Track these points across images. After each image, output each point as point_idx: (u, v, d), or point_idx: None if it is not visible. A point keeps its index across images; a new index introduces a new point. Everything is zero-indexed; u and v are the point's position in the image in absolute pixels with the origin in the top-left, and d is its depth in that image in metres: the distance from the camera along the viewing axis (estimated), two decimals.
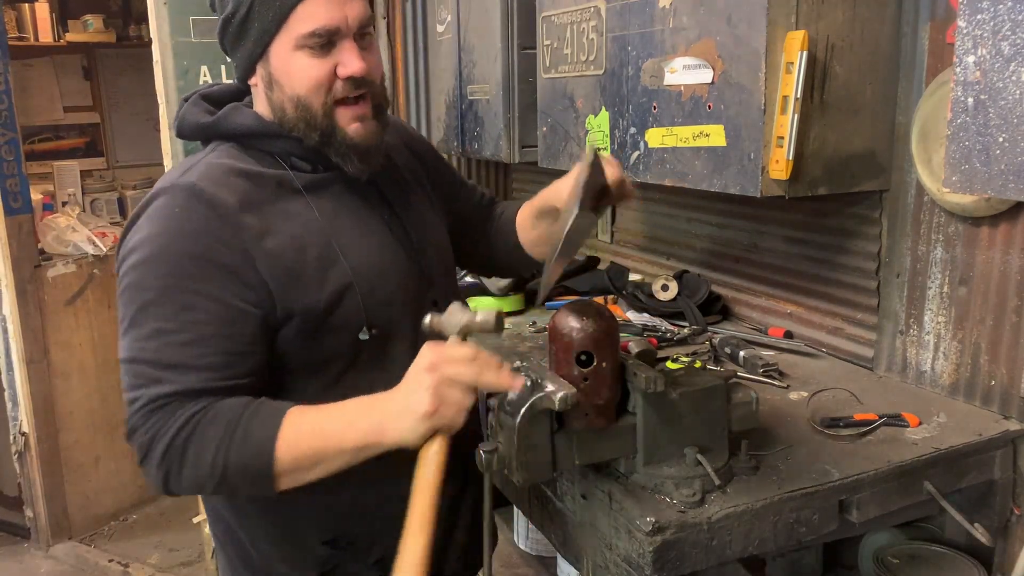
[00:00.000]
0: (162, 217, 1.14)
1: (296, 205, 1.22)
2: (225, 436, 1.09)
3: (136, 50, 4.75)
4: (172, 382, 1.09)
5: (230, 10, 1.19)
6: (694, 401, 1.29)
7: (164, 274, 1.11)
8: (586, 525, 1.38)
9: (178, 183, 1.17)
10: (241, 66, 1.24)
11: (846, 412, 1.59)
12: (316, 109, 1.20)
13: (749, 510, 1.28)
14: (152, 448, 1.09)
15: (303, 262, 1.19)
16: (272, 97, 1.23)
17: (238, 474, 1.10)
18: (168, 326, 1.10)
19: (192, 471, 1.09)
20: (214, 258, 1.12)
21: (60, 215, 3.79)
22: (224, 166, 1.21)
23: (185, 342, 1.10)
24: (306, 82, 1.19)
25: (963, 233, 1.61)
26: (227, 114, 1.26)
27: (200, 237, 1.13)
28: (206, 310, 1.11)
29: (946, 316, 1.67)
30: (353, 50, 1.20)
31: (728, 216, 2.27)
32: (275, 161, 1.25)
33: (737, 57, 1.56)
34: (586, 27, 2.03)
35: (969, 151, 1.00)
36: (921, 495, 1.43)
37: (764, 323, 2.18)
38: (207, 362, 1.11)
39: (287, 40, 1.18)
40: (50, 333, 3.46)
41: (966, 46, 0.99)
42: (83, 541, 3.62)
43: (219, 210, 1.14)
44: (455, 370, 1.08)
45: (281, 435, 1.09)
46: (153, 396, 1.09)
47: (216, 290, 1.12)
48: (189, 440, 1.08)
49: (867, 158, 1.67)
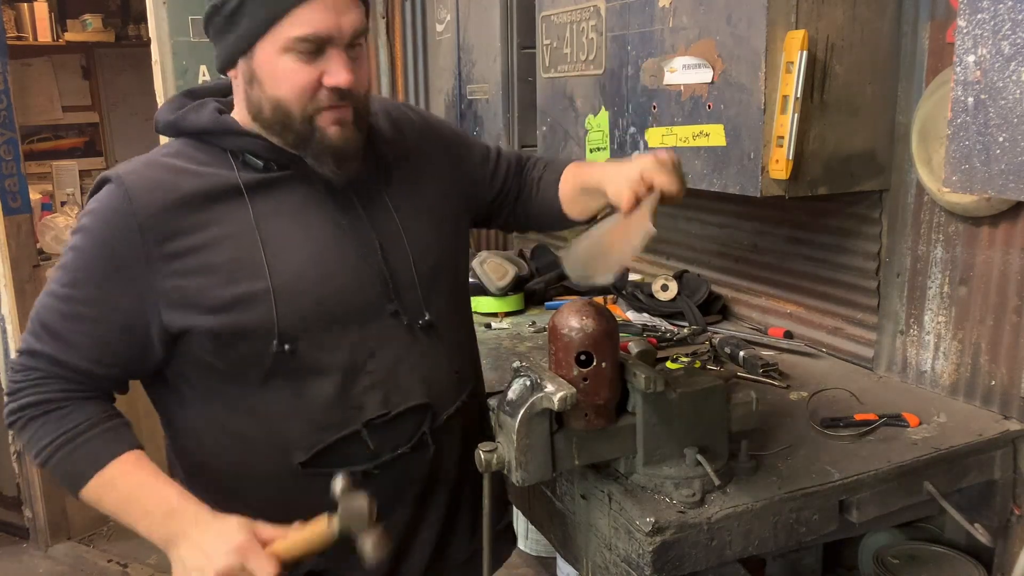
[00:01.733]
0: (97, 200, 1.20)
1: (232, 205, 1.20)
2: (55, 444, 1.17)
3: (135, 49, 4.75)
4: (45, 343, 1.18)
5: (219, 0, 1.16)
6: (694, 401, 1.29)
7: (77, 248, 1.18)
8: (586, 525, 1.38)
9: (114, 175, 1.20)
10: (222, 57, 1.21)
11: (846, 412, 1.59)
12: (296, 114, 1.18)
13: (749, 510, 1.28)
14: (11, 399, 1.20)
15: (211, 266, 1.17)
16: (251, 94, 1.20)
17: (54, 473, 1.20)
18: (59, 291, 1.18)
19: (26, 442, 1.20)
20: (115, 252, 1.16)
21: (59, 215, 3.78)
22: (163, 163, 1.21)
23: (64, 313, 1.18)
24: (289, 86, 1.16)
25: (963, 233, 1.61)
26: (188, 112, 1.25)
27: (108, 226, 1.17)
28: (91, 294, 1.17)
29: (946, 316, 1.67)
30: (342, 60, 1.17)
31: (728, 216, 2.27)
32: (227, 158, 1.23)
33: (737, 57, 1.56)
34: (586, 27, 2.03)
35: (969, 151, 1.01)
36: (921, 495, 1.43)
37: (764, 323, 2.17)
38: (74, 339, 1.17)
39: (276, 40, 1.14)
40: None
41: (966, 45, 0.99)
42: (82, 541, 3.62)
43: (130, 205, 1.16)
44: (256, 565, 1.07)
45: (96, 478, 1.16)
46: (30, 348, 1.19)
47: (105, 280, 1.17)
48: (32, 421, 1.18)
49: (867, 158, 1.67)
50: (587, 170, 1.44)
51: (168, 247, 1.16)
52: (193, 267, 1.16)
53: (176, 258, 1.16)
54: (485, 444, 1.27)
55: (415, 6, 3.27)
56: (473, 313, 1.53)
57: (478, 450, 1.26)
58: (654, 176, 1.23)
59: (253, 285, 1.17)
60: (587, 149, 2.08)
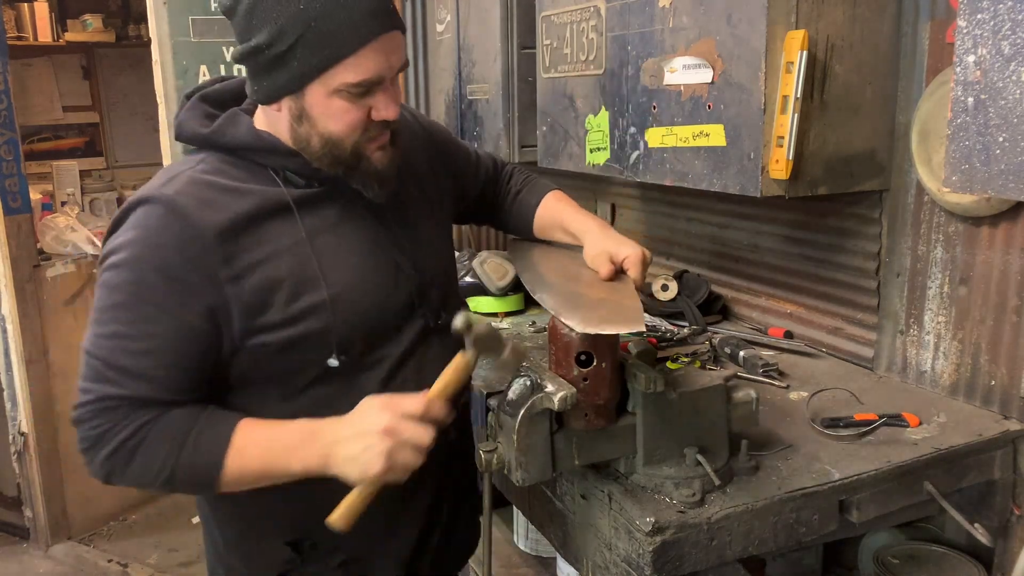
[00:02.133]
0: (140, 227, 1.15)
1: (281, 222, 1.21)
2: (174, 449, 1.14)
3: (135, 50, 4.75)
4: (122, 386, 1.14)
5: (264, 40, 1.14)
6: (694, 401, 1.29)
7: (132, 282, 1.14)
8: (586, 525, 1.38)
9: (160, 196, 1.16)
10: (265, 93, 1.20)
11: (846, 412, 1.58)
12: (346, 147, 1.21)
13: (749, 510, 1.28)
14: (99, 446, 1.14)
15: (275, 281, 1.18)
16: (298, 129, 1.20)
17: (183, 482, 1.17)
18: (126, 331, 1.14)
19: (136, 475, 1.15)
20: (180, 276, 1.14)
21: (59, 215, 3.78)
22: (207, 182, 1.19)
23: (138, 351, 1.14)
24: (342, 124, 1.19)
25: (963, 233, 1.61)
26: (223, 126, 1.24)
27: (170, 254, 1.14)
28: (164, 324, 1.14)
29: (946, 316, 1.67)
30: (389, 95, 1.21)
31: (728, 216, 2.27)
32: (267, 173, 1.24)
33: (737, 57, 1.56)
34: (586, 27, 2.03)
35: (969, 151, 1.01)
36: (921, 495, 1.43)
37: (764, 323, 2.17)
38: (156, 374, 1.15)
39: (328, 83, 1.16)
40: (49, 333, 3.46)
41: (966, 45, 0.99)
42: (82, 541, 3.62)
43: (193, 230, 1.14)
44: (410, 435, 1.12)
45: (230, 452, 1.15)
46: (103, 394, 1.14)
47: (176, 307, 1.14)
48: (137, 448, 1.14)
49: (867, 158, 1.67)
50: (568, 215, 1.56)
51: (232, 267, 1.16)
52: (259, 283, 1.17)
53: (241, 276, 1.16)
54: (485, 444, 1.27)
55: (415, 6, 3.27)
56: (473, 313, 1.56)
57: (478, 450, 1.26)
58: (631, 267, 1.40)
59: (313, 298, 1.20)
60: (587, 149, 2.08)
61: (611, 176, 2.05)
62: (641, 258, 1.41)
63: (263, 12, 1.13)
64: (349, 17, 1.12)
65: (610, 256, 1.41)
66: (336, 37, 1.12)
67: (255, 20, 1.14)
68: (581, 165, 2.13)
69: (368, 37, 1.14)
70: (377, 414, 1.12)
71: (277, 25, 1.12)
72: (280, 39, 1.13)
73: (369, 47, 1.14)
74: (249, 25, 1.15)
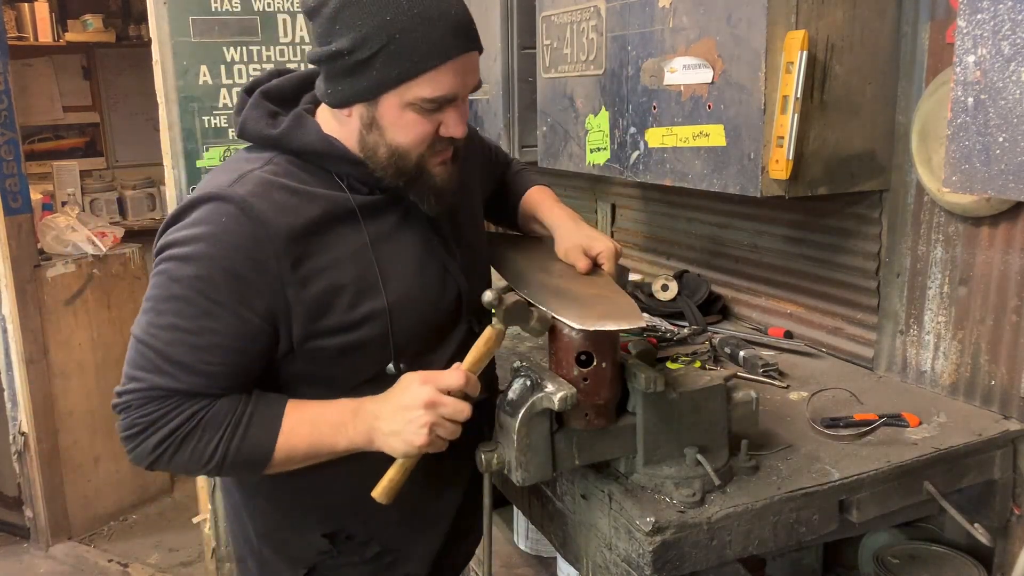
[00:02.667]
0: (209, 222, 1.15)
1: (346, 227, 1.22)
2: (228, 434, 1.15)
3: (136, 50, 4.75)
4: (177, 380, 1.14)
5: (346, 45, 1.14)
6: (694, 401, 1.29)
7: (198, 277, 1.13)
8: (586, 525, 1.38)
9: (232, 194, 1.15)
10: (339, 97, 1.21)
11: (846, 412, 1.58)
12: (412, 160, 1.22)
13: (749, 510, 1.28)
14: (149, 432, 1.14)
15: (338, 287, 1.20)
16: (367, 136, 1.22)
17: (233, 466, 1.18)
18: (185, 324, 1.13)
19: (185, 460, 1.16)
20: (246, 276, 1.14)
21: (59, 215, 3.78)
22: (278, 184, 1.19)
23: (196, 345, 1.14)
24: (412, 138, 1.21)
25: (963, 233, 1.61)
26: (291, 129, 1.24)
27: (238, 253, 1.14)
28: (224, 322, 1.14)
29: (946, 316, 1.67)
30: (459, 113, 1.22)
31: (728, 216, 2.27)
32: (331, 178, 1.25)
33: (737, 57, 1.56)
34: (586, 27, 2.03)
35: (969, 151, 1.01)
36: (921, 495, 1.43)
37: (764, 323, 2.17)
38: (212, 370, 1.15)
39: (404, 96, 1.17)
40: (50, 333, 3.46)
41: (966, 46, 0.99)
42: (82, 541, 3.62)
43: (263, 231, 1.14)
44: (451, 410, 1.15)
45: (280, 436, 1.17)
46: (155, 384, 1.14)
47: (239, 306, 1.14)
48: (190, 436, 1.15)
49: (867, 158, 1.67)
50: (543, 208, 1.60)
51: (300, 271, 1.17)
52: (323, 288, 1.19)
53: (308, 281, 1.17)
54: (485, 444, 1.27)
55: None
56: None
57: (478, 450, 1.26)
58: (605, 262, 1.42)
59: (373, 304, 1.22)
60: (587, 149, 2.08)
61: (611, 176, 2.04)
62: (614, 253, 1.44)
63: (349, 18, 1.14)
64: (433, 33, 1.14)
65: (583, 250, 1.43)
66: (418, 51, 1.14)
67: (339, 25, 1.15)
68: (581, 165, 2.13)
69: (449, 55, 1.16)
70: (418, 388, 1.15)
71: (361, 32, 1.13)
72: (363, 46, 1.14)
73: (448, 64, 1.16)
74: (332, 29, 1.16)
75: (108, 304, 3.66)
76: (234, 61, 2.64)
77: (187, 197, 1.21)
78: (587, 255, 1.43)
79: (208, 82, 2.62)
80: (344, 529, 1.34)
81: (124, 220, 4.73)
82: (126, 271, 3.73)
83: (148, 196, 4.89)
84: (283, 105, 1.29)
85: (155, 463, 1.17)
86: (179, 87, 2.60)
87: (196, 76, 2.61)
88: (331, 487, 1.24)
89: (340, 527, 1.34)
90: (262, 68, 2.67)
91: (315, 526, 1.34)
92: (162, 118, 2.64)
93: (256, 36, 2.66)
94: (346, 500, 1.30)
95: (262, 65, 2.68)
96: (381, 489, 1.19)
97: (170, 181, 2.69)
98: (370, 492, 1.19)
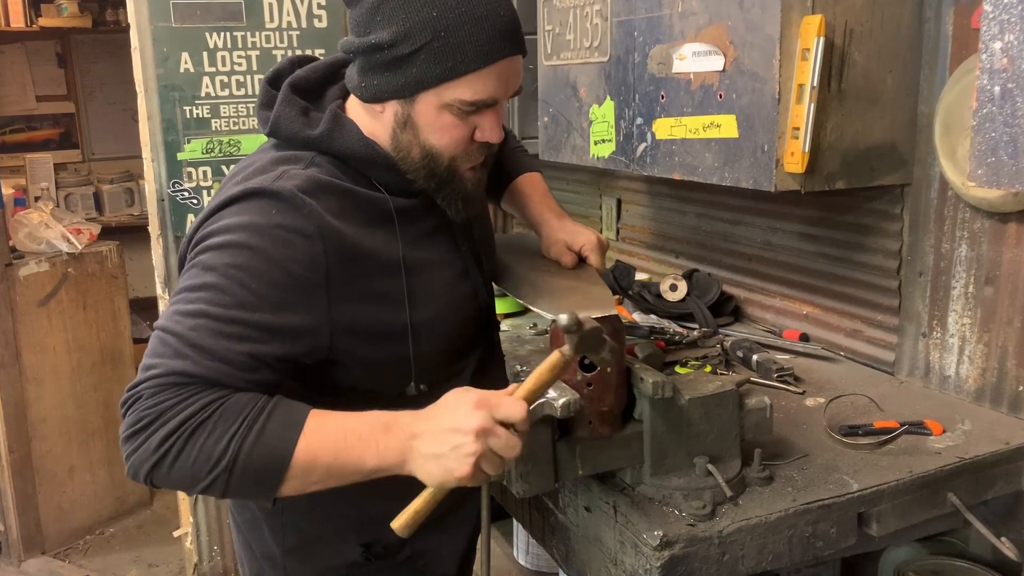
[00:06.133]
0: (255, 213, 1.12)
1: (384, 231, 1.23)
2: (243, 429, 1.06)
3: (113, 36, 4.75)
4: (197, 363, 1.07)
5: (387, 39, 1.14)
6: (704, 408, 1.29)
7: (233, 264, 1.10)
8: (590, 539, 1.38)
9: (280, 188, 1.13)
10: (374, 91, 1.20)
11: (865, 419, 1.59)
12: (444, 162, 1.23)
13: (763, 523, 1.28)
14: (156, 424, 1.06)
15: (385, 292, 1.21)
16: (400, 135, 1.22)
17: (245, 472, 1.07)
18: (214, 312, 1.09)
19: (192, 462, 1.06)
20: (291, 270, 1.12)
21: (33, 211, 3.78)
22: (325, 183, 1.19)
23: (224, 333, 1.08)
24: (446, 139, 1.21)
25: (989, 230, 1.61)
26: (332, 130, 1.23)
27: (286, 246, 1.12)
28: (261, 317, 1.10)
29: (971, 317, 1.67)
30: (496, 118, 1.23)
31: (740, 212, 2.28)
32: (368, 181, 1.25)
33: (750, 43, 1.56)
34: (590, 11, 2.03)
35: (996, 143, 1.00)
36: (945, 507, 1.43)
37: (778, 325, 2.18)
38: (237, 359, 1.09)
39: (442, 96, 1.17)
40: (22, 335, 3.45)
41: (992, 31, 0.99)
42: (57, 556, 3.62)
43: (316, 228, 1.13)
44: (503, 444, 1.07)
45: (301, 437, 1.08)
46: (174, 369, 1.07)
47: (278, 300, 1.12)
48: (200, 428, 1.06)
49: (887, 150, 1.67)
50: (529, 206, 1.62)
51: (346, 273, 1.16)
52: (367, 294, 1.19)
53: (352, 284, 1.17)
54: None
55: None
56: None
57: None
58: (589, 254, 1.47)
59: (406, 318, 1.22)
60: (591, 141, 2.08)
61: (616, 169, 2.05)
62: (598, 244, 1.48)
63: (392, 10, 1.13)
64: (480, 34, 1.14)
65: (567, 245, 1.49)
66: (463, 51, 1.14)
67: (380, 16, 1.14)
68: (585, 158, 2.13)
69: (494, 57, 1.16)
70: (471, 412, 1.06)
71: (405, 27, 1.13)
72: (405, 41, 1.13)
73: (492, 67, 1.16)
74: (372, 20, 1.15)
75: (84, 305, 3.66)
76: (217, 48, 2.64)
77: (218, 197, 1.17)
78: (571, 250, 1.48)
79: (190, 70, 2.62)
80: (381, 539, 1.35)
81: (101, 216, 4.73)
82: (103, 270, 3.73)
83: (126, 191, 4.88)
84: (310, 98, 1.29)
85: (156, 467, 1.06)
86: (159, 75, 2.60)
87: (177, 63, 2.61)
88: (372, 496, 1.19)
89: (377, 537, 1.35)
90: (247, 55, 2.67)
91: (352, 537, 1.35)
92: (141, 108, 2.64)
93: (241, 21, 2.65)
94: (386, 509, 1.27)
95: (247, 52, 2.67)
96: (403, 522, 1.13)
97: (149, 175, 2.69)
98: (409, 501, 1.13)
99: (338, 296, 1.16)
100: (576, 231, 1.51)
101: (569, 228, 1.53)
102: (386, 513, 1.24)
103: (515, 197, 1.65)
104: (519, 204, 1.64)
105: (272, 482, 1.09)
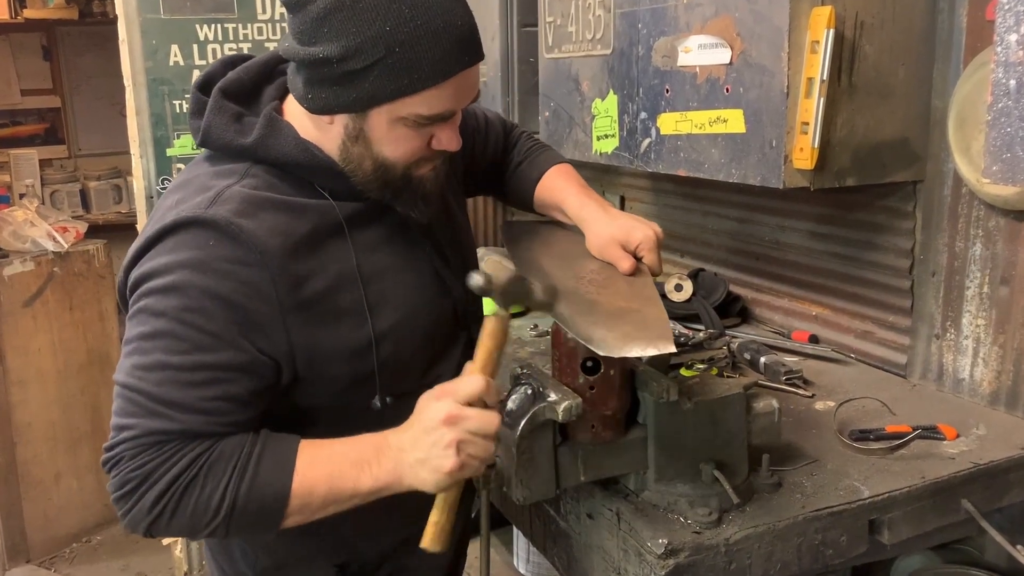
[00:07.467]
0: (192, 248, 1.10)
1: (335, 241, 1.20)
2: (235, 477, 1.10)
3: (100, 28, 4.75)
4: (172, 420, 1.08)
5: (335, 53, 1.09)
6: (710, 412, 1.29)
7: (182, 308, 1.09)
8: (592, 547, 1.38)
9: (213, 216, 1.11)
10: (320, 105, 1.16)
11: (877, 423, 1.59)
12: (398, 171, 1.21)
13: (771, 531, 1.28)
14: (146, 486, 1.08)
15: (345, 308, 1.19)
16: (351, 148, 1.19)
17: (244, 516, 1.11)
18: (175, 361, 1.09)
19: (188, 519, 1.10)
20: (240, 303, 1.10)
21: (17, 208, 3.78)
22: (265, 199, 1.16)
23: (190, 382, 1.09)
24: (400, 152, 1.19)
25: (1005, 228, 1.61)
26: (266, 137, 1.19)
27: (229, 279, 1.10)
28: (221, 355, 1.10)
29: (986, 318, 1.67)
30: (454, 128, 1.21)
31: (748, 209, 2.28)
32: (312, 187, 1.22)
33: (757, 35, 1.56)
34: (592, 2, 2.03)
35: (1011, 138, 1.00)
36: (959, 514, 1.43)
37: (787, 326, 2.18)
38: (210, 406, 1.10)
39: (396, 110, 1.14)
40: (6, 337, 3.45)
41: (1008, 23, 0.99)
42: (42, 564, 3.62)
43: (257, 256, 1.11)
44: (476, 423, 1.09)
45: (296, 475, 1.12)
46: (150, 429, 1.08)
47: (237, 337, 1.11)
48: (192, 484, 1.09)
49: (900, 146, 1.67)
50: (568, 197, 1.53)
51: (299, 295, 1.14)
52: (324, 312, 1.17)
53: (307, 307, 1.15)
54: None
55: None
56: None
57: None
58: (645, 253, 1.39)
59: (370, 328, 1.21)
60: (594, 136, 2.08)
61: (620, 166, 2.05)
62: (655, 240, 1.40)
63: (340, 23, 1.09)
64: (436, 49, 1.11)
65: (621, 244, 1.39)
66: (419, 67, 1.11)
67: (328, 28, 1.09)
68: (587, 154, 2.13)
69: (451, 71, 1.13)
70: (434, 405, 1.11)
71: (355, 41, 1.09)
72: (355, 57, 1.09)
73: (450, 82, 1.14)
74: (318, 31, 1.10)
75: (70, 305, 3.66)
76: (208, 40, 2.64)
77: (153, 226, 1.14)
78: (626, 249, 1.39)
79: (179, 63, 2.62)
80: (356, 559, 1.35)
81: (88, 214, 4.73)
82: (90, 270, 3.73)
83: (114, 188, 4.88)
84: (245, 102, 1.25)
85: (154, 524, 1.09)
86: (148, 68, 2.60)
87: (166, 56, 2.61)
88: (345, 517, 1.19)
89: (352, 556, 1.35)
90: (238, 48, 2.67)
91: (325, 559, 1.34)
92: (129, 102, 2.64)
93: (232, 13, 2.66)
94: (360, 530, 1.29)
95: (239, 45, 2.68)
96: (429, 537, 1.13)
97: (138, 171, 2.69)
98: (384, 519, 1.15)
99: (294, 321, 1.14)
100: (630, 226, 1.41)
101: (620, 222, 1.43)
102: (360, 532, 1.25)
103: (551, 194, 1.58)
104: (557, 200, 1.55)
105: (273, 521, 1.13)
